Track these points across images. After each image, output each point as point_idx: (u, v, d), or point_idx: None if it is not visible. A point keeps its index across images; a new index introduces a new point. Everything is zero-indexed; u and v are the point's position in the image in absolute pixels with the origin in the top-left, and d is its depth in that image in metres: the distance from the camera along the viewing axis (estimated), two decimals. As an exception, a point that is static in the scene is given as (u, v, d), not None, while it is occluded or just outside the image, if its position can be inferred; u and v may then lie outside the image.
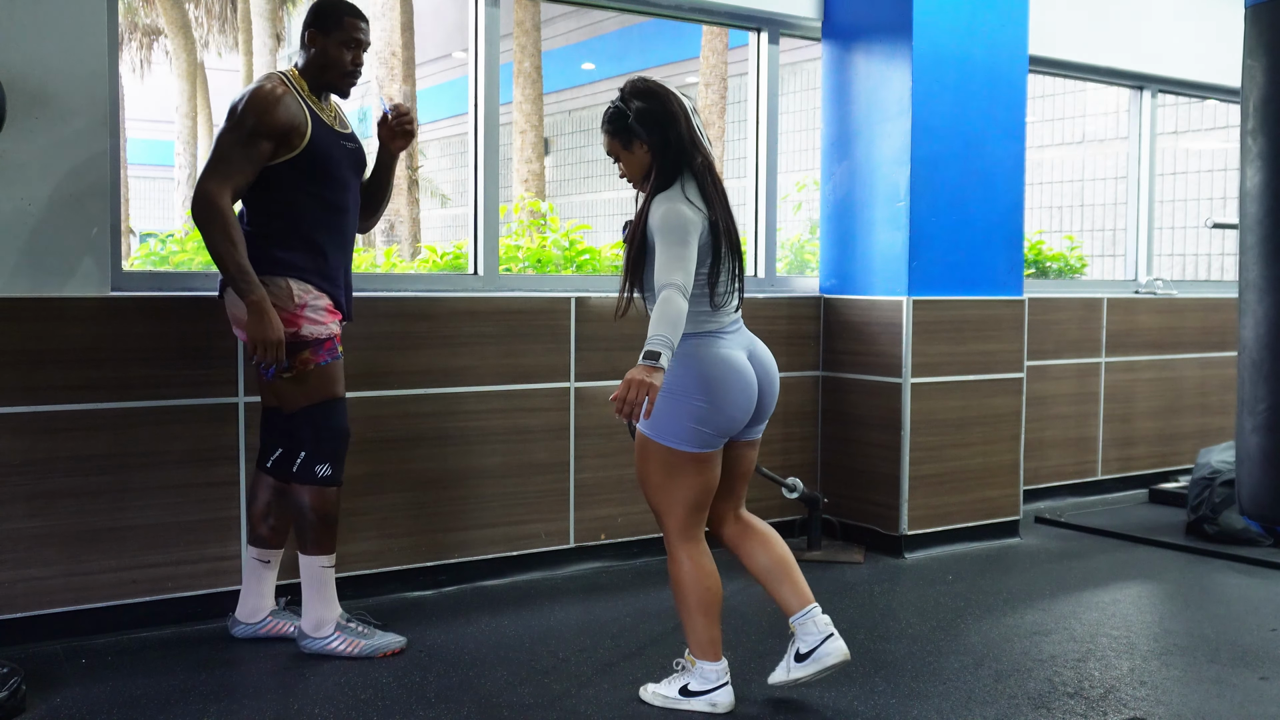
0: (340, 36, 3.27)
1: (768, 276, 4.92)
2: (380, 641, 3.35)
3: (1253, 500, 2.51)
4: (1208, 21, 5.96)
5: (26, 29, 3.31)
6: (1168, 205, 8.13)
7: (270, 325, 3.10)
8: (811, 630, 2.94)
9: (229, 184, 3.11)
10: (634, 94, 2.85)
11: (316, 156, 3.23)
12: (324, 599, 3.31)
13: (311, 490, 3.26)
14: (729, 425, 2.85)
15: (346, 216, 3.36)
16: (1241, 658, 3.40)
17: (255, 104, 3.15)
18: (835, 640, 2.93)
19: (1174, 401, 6.08)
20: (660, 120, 2.82)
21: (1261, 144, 2.44)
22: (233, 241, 3.08)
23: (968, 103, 4.63)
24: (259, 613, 3.45)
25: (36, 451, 3.37)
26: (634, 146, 2.85)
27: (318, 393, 3.24)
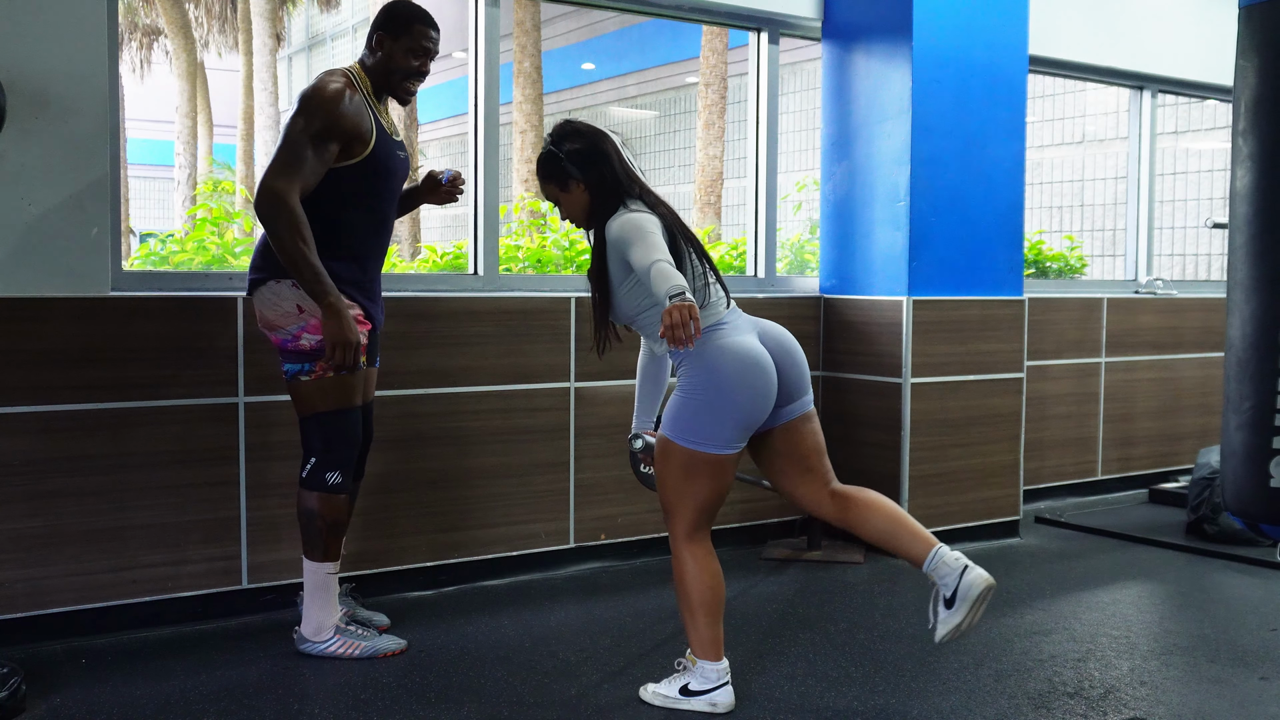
0: (409, 43, 3.21)
1: (768, 276, 4.92)
2: (380, 644, 3.33)
3: (1236, 497, 2.52)
4: (1208, 21, 5.96)
5: (26, 29, 3.31)
6: (1168, 205, 8.13)
7: (348, 327, 3.05)
8: (945, 571, 2.81)
9: (298, 183, 3.01)
10: (563, 137, 2.95)
11: (377, 167, 3.18)
12: (325, 604, 3.29)
13: (320, 497, 3.22)
14: (751, 417, 2.83)
15: (388, 229, 3.34)
16: (1241, 658, 3.40)
17: (329, 102, 3.06)
18: (972, 570, 2.80)
19: (1174, 401, 6.08)
20: (592, 158, 2.91)
21: (1252, 144, 2.45)
22: (306, 242, 3.00)
23: (968, 103, 4.63)
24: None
25: (36, 451, 3.37)
26: (571, 187, 2.94)
27: (335, 400, 3.20)
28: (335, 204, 3.15)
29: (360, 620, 3.50)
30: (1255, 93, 2.43)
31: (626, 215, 2.85)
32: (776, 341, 2.93)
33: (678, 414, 2.83)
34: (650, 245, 2.72)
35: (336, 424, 3.21)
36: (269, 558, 3.73)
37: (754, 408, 2.83)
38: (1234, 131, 2.50)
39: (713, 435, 2.80)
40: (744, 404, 2.81)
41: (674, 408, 2.85)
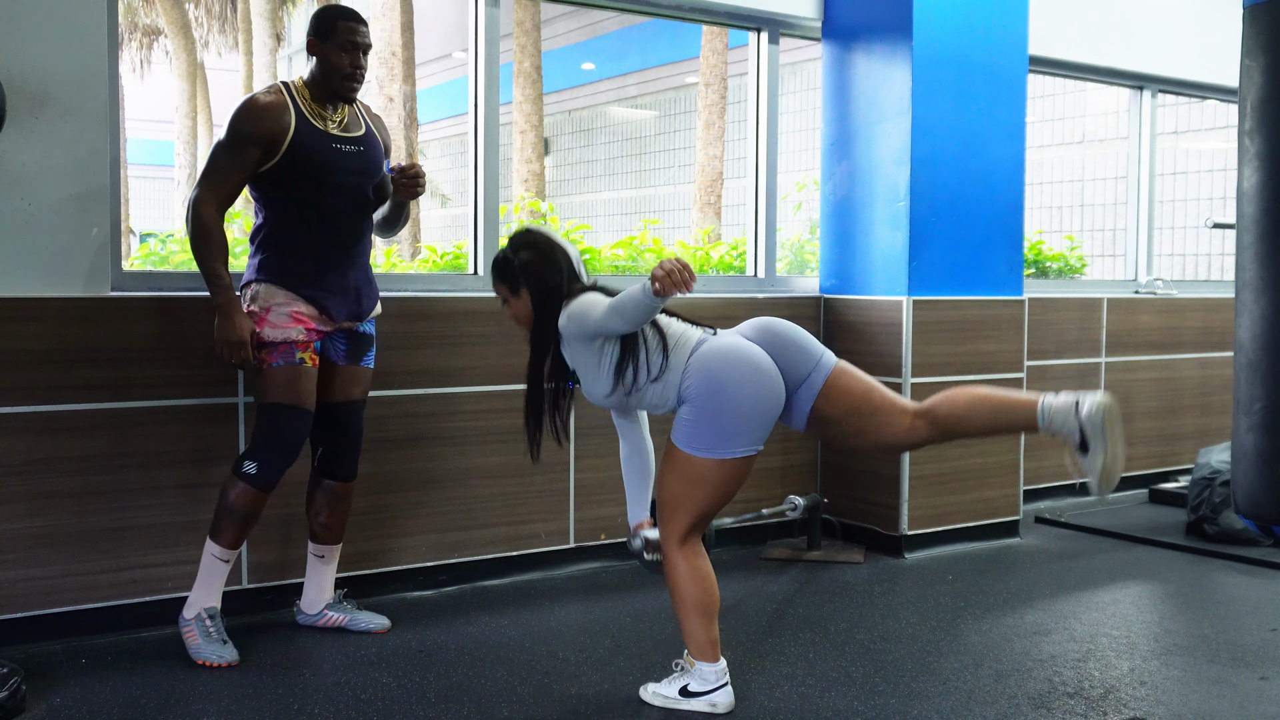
0: (338, 42, 3.31)
1: (768, 276, 4.92)
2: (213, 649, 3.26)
3: (1248, 499, 2.51)
4: (1208, 21, 5.96)
5: (26, 29, 3.31)
6: (1168, 205, 8.13)
7: (228, 326, 3.21)
8: (1062, 420, 2.71)
9: (213, 191, 3.22)
10: (520, 246, 3.00)
11: (298, 162, 3.27)
12: (203, 584, 3.31)
13: (231, 480, 3.28)
14: (763, 417, 2.82)
15: (342, 221, 3.38)
16: (1241, 658, 3.40)
17: (240, 113, 3.25)
18: (1084, 402, 2.70)
19: (1174, 401, 6.08)
20: (541, 271, 2.95)
21: (1259, 144, 2.44)
22: (209, 246, 3.20)
23: (968, 103, 4.63)
24: (316, 605, 3.57)
25: (36, 451, 3.37)
26: (520, 293, 2.99)
27: (270, 393, 3.28)
28: (270, 203, 3.32)
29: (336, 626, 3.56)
30: (1261, 92, 2.43)
31: (570, 305, 2.88)
32: (761, 331, 2.92)
33: (694, 427, 2.82)
34: (599, 310, 2.78)
35: (268, 418, 3.29)
36: (269, 558, 3.73)
37: (760, 409, 2.82)
38: (1240, 131, 2.49)
39: (722, 441, 2.80)
40: (749, 408, 2.80)
41: (682, 426, 2.84)
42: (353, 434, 3.52)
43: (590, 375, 2.94)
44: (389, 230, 3.63)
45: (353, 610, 3.59)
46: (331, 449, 3.50)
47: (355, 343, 3.49)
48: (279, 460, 3.29)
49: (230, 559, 3.32)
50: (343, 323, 3.42)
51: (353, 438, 3.52)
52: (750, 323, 2.97)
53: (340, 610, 3.58)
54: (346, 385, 3.49)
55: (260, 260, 3.33)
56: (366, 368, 3.53)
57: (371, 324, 3.55)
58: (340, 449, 3.50)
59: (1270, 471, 2.45)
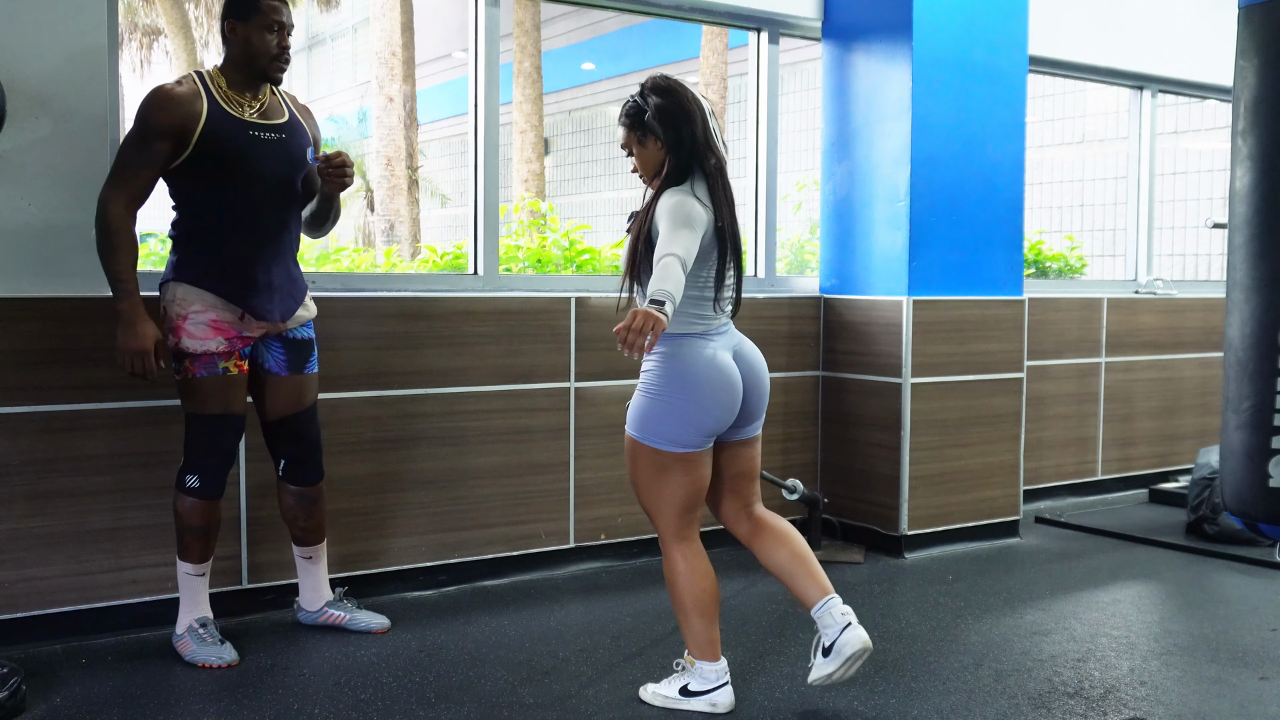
0: (260, 21, 3.15)
1: (768, 276, 4.92)
2: (210, 651, 3.24)
3: (1235, 497, 2.52)
4: (1208, 21, 5.96)
5: (26, 29, 3.31)
6: (1167, 205, 8.13)
7: (129, 334, 3.08)
8: (830, 622, 2.90)
9: (123, 190, 3.09)
10: (654, 90, 2.87)
11: (211, 152, 3.12)
12: (188, 603, 3.29)
13: (179, 497, 3.22)
14: (714, 424, 2.85)
15: (263, 215, 3.23)
16: (1241, 658, 3.40)
17: (146, 105, 3.10)
18: (853, 629, 2.88)
19: (1174, 401, 6.08)
20: (676, 119, 2.83)
21: (1251, 144, 2.45)
22: (112, 247, 3.07)
23: (968, 103, 4.63)
24: (316, 602, 3.56)
25: (36, 451, 3.37)
26: (648, 142, 2.87)
27: (198, 405, 3.19)
28: (187, 197, 3.20)
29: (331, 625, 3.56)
30: (1255, 93, 2.44)
31: (683, 196, 2.78)
32: (749, 365, 2.93)
33: (644, 414, 2.83)
34: (678, 235, 2.67)
35: (200, 430, 3.21)
36: (269, 558, 3.73)
37: (717, 418, 2.84)
38: (1234, 131, 2.50)
39: (678, 435, 2.81)
40: (709, 412, 2.82)
41: (639, 407, 2.85)
42: (311, 440, 3.44)
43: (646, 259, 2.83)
44: (319, 228, 3.48)
45: (353, 609, 3.58)
46: (294, 457, 3.42)
47: (294, 351, 3.37)
48: (218, 467, 3.23)
49: (204, 571, 3.29)
50: (268, 324, 3.28)
51: (312, 443, 3.44)
52: (744, 347, 2.96)
53: (340, 608, 3.57)
54: (297, 395, 3.38)
55: (178, 259, 3.21)
56: (311, 374, 3.42)
57: (309, 328, 3.43)
58: (303, 456, 3.43)
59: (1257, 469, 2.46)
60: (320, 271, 4.64)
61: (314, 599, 3.56)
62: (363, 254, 6.69)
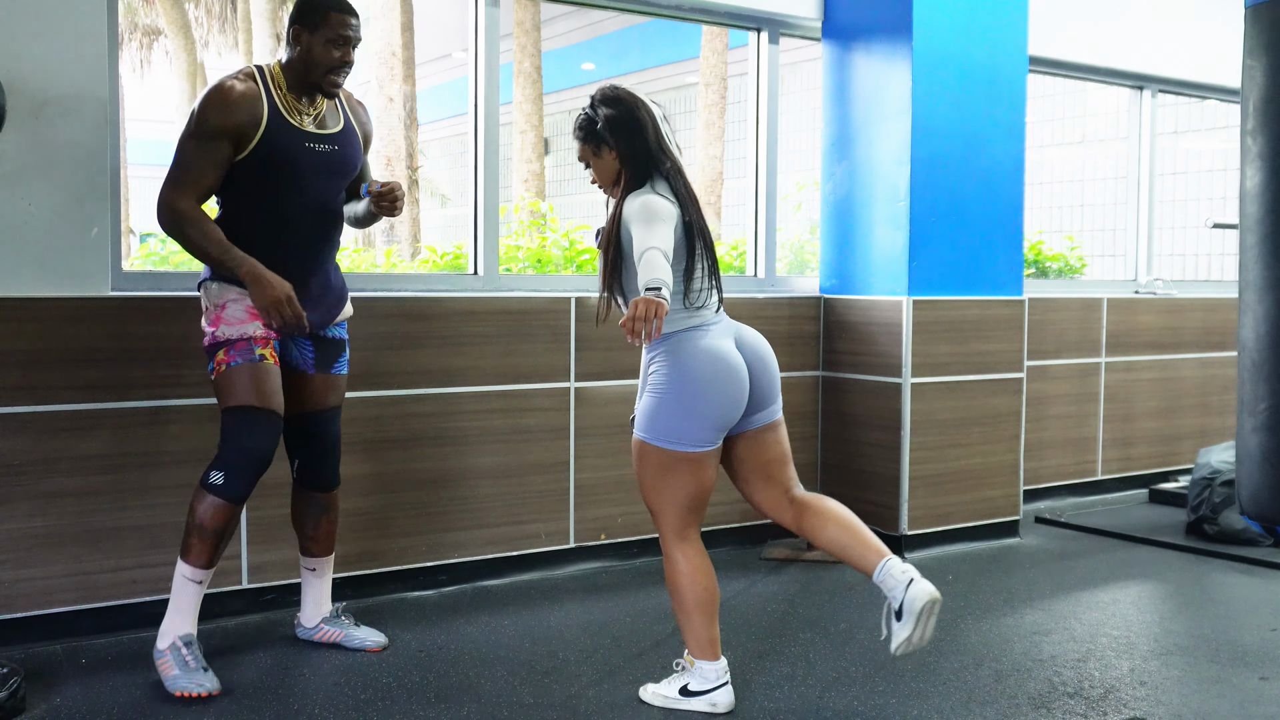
0: (327, 34, 3.10)
1: (768, 276, 4.91)
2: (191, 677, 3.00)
3: (1253, 500, 2.51)
4: (1208, 21, 5.96)
5: (26, 29, 3.31)
6: (1168, 205, 8.13)
7: (272, 286, 3.01)
8: (892, 584, 2.79)
9: (191, 190, 3.02)
10: (603, 101, 2.93)
11: (266, 159, 3.07)
12: (177, 612, 3.07)
13: (199, 493, 3.04)
14: (723, 416, 2.84)
15: (304, 226, 3.18)
16: (1241, 658, 3.40)
17: (211, 104, 3.02)
18: (917, 584, 2.77)
19: (1174, 401, 6.08)
20: (628, 127, 2.89)
21: (1261, 144, 2.44)
22: (208, 236, 3.01)
23: (968, 103, 4.63)
24: (314, 619, 3.43)
25: (36, 451, 3.37)
26: (603, 152, 2.92)
27: (230, 396, 3.06)
28: (229, 197, 3.13)
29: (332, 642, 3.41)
30: (1264, 92, 2.43)
31: (648, 195, 2.82)
32: (752, 349, 2.93)
33: (651, 414, 2.84)
34: (654, 230, 2.70)
35: (231, 423, 3.06)
36: (269, 558, 3.73)
37: (725, 409, 2.84)
38: (1242, 131, 2.49)
39: (686, 434, 2.81)
40: (715, 405, 2.82)
41: (647, 408, 2.85)
42: (330, 441, 3.35)
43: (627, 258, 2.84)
44: (359, 226, 3.48)
45: (349, 626, 3.43)
46: (309, 459, 3.32)
47: (324, 349, 3.31)
48: (247, 468, 3.04)
49: (204, 579, 3.08)
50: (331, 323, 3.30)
51: (330, 445, 3.35)
52: (744, 332, 2.96)
53: (336, 624, 3.42)
54: (320, 394, 3.31)
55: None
56: (340, 374, 3.36)
57: (343, 327, 3.38)
58: (318, 458, 3.33)
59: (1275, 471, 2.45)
60: (320, 271, 4.64)
61: (313, 615, 3.44)
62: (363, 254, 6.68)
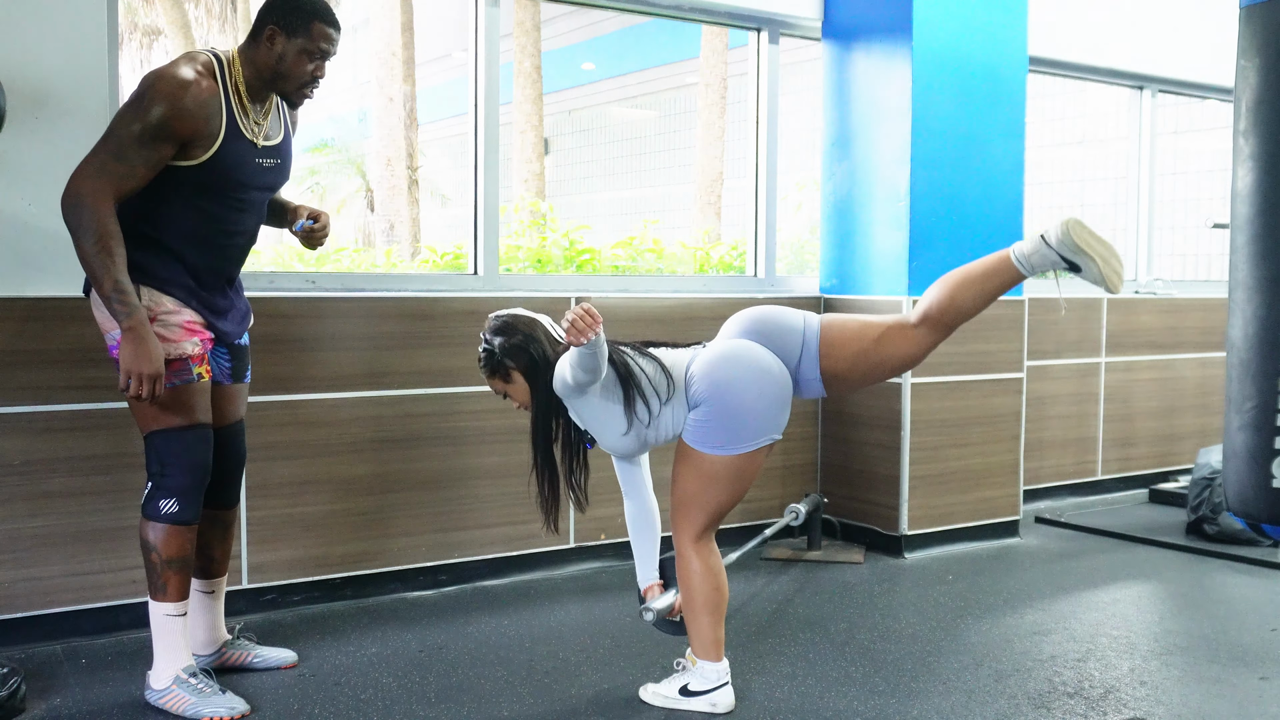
0: (306, 44, 2.84)
1: (768, 276, 4.92)
2: (215, 702, 2.86)
3: (1239, 497, 2.52)
4: (1208, 21, 5.96)
5: (26, 29, 3.31)
6: (1168, 205, 8.13)
7: (148, 356, 2.66)
8: (1040, 258, 2.70)
9: (114, 185, 2.66)
10: (494, 332, 2.96)
11: (215, 175, 2.81)
12: (168, 649, 2.89)
13: (154, 527, 2.81)
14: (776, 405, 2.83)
15: (240, 237, 2.97)
16: (1241, 658, 3.40)
17: (167, 98, 2.69)
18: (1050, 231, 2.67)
19: (1174, 401, 6.08)
20: (524, 346, 2.93)
21: (1254, 144, 2.45)
22: (112, 256, 2.64)
23: (968, 103, 4.63)
24: (213, 644, 3.16)
25: (36, 451, 3.37)
26: (513, 377, 2.95)
27: (168, 418, 2.81)
28: (161, 202, 2.80)
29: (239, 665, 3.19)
30: (1256, 93, 2.43)
31: (558, 366, 2.86)
32: (745, 325, 2.92)
33: (700, 430, 2.84)
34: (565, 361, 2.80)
35: (173, 445, 2.82)
36: (269, 558, 3.73)
37: (768, 394, 2.82)
38: (1235, 131, 2.49)
39: (736, 437, 2.81)
40: (755, 395, 2.81)
41: (695, 428, 2.85)
42: (241, 454, 3.14)
43: (604, 422, 2.91)
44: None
45: (254, 645, 3.24)
46: (220, 475, 3.04)
47: (238, 358, 3.09)
48: (196, 486, 2.85)
49: (186, 610, 2.89)
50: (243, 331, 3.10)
51: (241, 458, 3.14)
52: (732, 321, 2.97)
53: (240, 648, 3.21)
54: (234, 405, 3.09)
55: (134, 259, 2.74)
56: (247, 384, 3.16)
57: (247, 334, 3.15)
58: (230, 473, 3.10)
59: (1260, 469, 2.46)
60: (320, 271, 4.64)
61: (211, 640, 3.16)
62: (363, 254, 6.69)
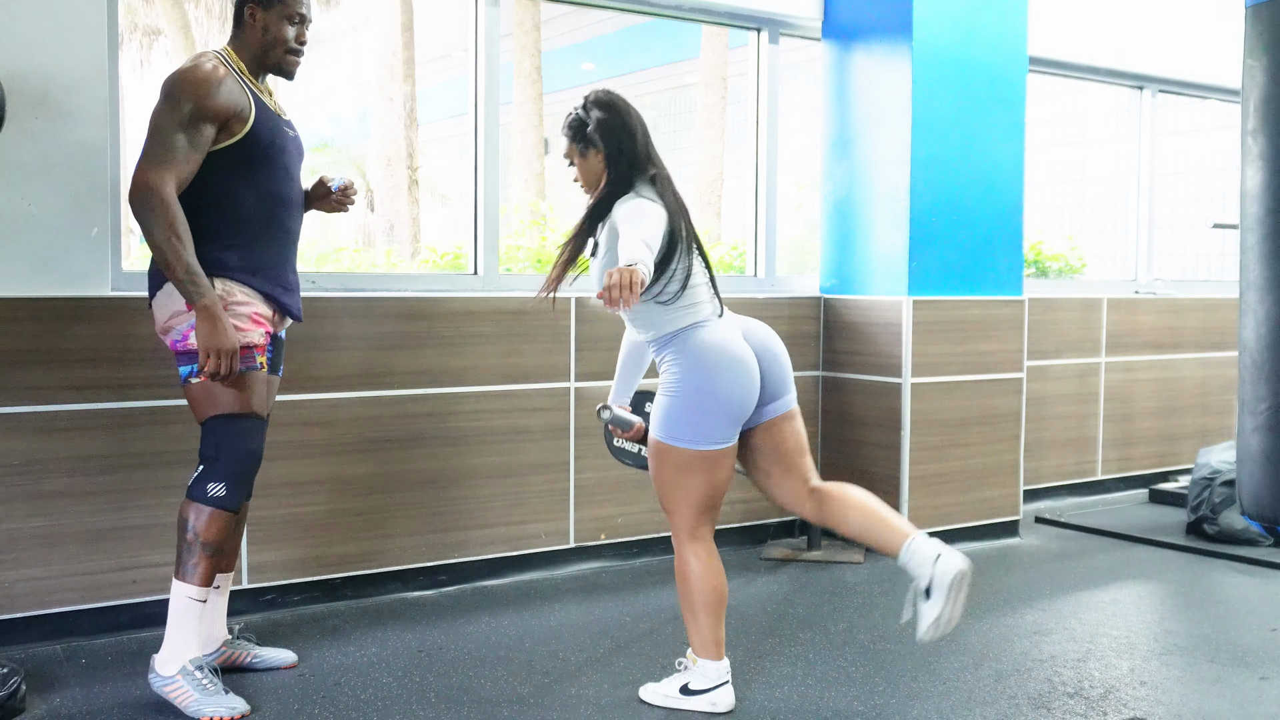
0: (283, 10, 2.99)
1: (768, 276, 4.92)
2: (217, 701, 2.88)
3: (1253, 500, 2.51)
4: (1208, 21, 5.96)
5: (26, 29, 3.31)
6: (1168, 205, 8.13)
7: (225, 332, 2.80)
8: (919, 561, 2.72)
9: (173, 173, 2.79)
10: (596, 104, 2.95)
11: (260, 144, 2.95)
12: (181, 633, 2.91)
13: (197, 509, 2.87)
14: (739, 409, 2.84)
15: (291, 210, 3.08)
16: (1241, 658, 3.40)
17: (198, 84, 2.84)
18: (945, 557, 2.69)
19: (1174, 401, 6.08)
20: (617, 132, 2.91)
21: (1262, 144, 2.44)
22: (181, 240, 2.78)
23: (968, 103, 4.63)
24: (213, 642, 3.16)
25: (36, 451, 3.37)
26: (589, 154, 2.94)
27: (227, 403, 2.89)
28: (222, 188, 2.92)
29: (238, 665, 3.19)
30: (1264, 91, 2.43)
31: (639, 200, 2.83)
32: (760, 340, 2.94)
33: (665, 415, 2.84)
34: (642, 225, 2.71)
35: (229, 431, 2.90)
36: (269, 557, 3.73)
37: (738, 401, 2.84)
38: (1243, 131, 2.49)
39: (701, 431, 2.81)
40: (728, 398, 2.82)
41: (660, 409, 2.86)
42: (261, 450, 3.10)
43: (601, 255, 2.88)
44: None
45: (254, 645, 3.25)
46: None
47: (278, 350, 3.16)
48: (246, 476, 2.94)
49: (206, 599, 2.94)
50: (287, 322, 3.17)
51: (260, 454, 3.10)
52: (750, 325, 2.97)
53: (241, 647, 3.21)
54: (272, 397, 3.16)
55: (205, 252, 2.86)
56: (279, 378, 3.24)
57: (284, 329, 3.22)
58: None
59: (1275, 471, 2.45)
60: (320, 271, 4.63)
61: (212, 637, 3.15)
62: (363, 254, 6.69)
